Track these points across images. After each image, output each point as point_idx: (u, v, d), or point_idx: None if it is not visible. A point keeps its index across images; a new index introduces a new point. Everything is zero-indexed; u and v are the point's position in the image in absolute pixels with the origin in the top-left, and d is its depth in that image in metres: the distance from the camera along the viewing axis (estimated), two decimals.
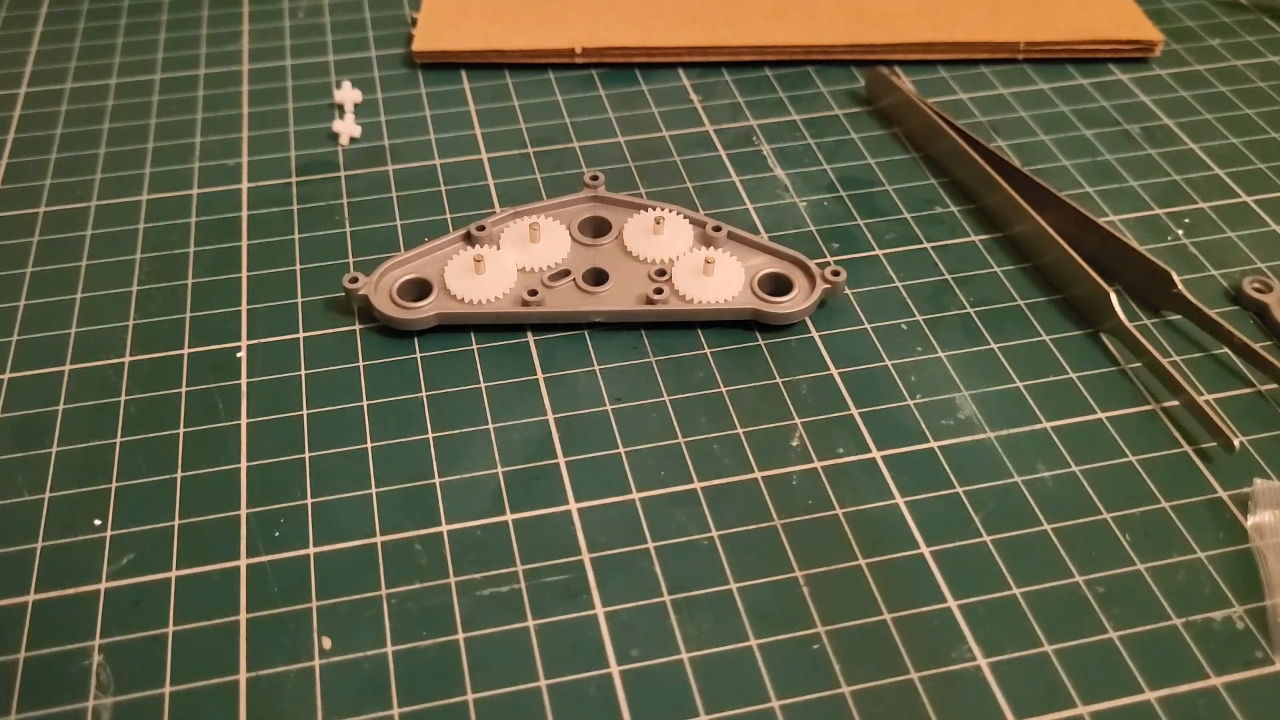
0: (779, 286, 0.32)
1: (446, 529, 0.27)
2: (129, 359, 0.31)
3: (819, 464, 0.29)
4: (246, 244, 0.35)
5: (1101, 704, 0.24)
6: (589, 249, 0.34)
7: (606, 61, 0.43)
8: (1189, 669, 0.24)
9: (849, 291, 0.33)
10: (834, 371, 0.31)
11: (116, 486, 0.28)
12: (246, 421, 0.30)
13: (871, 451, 0.29)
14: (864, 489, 0.28)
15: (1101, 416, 0.30)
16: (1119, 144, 0.39)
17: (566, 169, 0.38)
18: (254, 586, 0.26)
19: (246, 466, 0.29)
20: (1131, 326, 0.30)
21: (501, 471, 0.28)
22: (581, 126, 0.40)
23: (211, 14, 0.46)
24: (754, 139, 0.39)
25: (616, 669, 0.24)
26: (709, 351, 0.31)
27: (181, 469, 0.29)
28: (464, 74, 0.42)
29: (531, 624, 0.25)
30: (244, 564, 0.26)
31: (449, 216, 0.36)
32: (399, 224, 0.36)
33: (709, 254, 0.32)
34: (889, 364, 0.31)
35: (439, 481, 0.28)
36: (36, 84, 0.43)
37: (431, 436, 0.29)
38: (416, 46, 0.43)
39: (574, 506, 0.28)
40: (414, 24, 0.45)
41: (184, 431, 0.29)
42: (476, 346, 0.32)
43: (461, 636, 0.25)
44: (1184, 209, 0.36)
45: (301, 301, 0.33)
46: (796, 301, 0.32)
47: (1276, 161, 0.38)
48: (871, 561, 0.26)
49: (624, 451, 0.29)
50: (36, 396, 0.30)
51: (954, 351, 0.31)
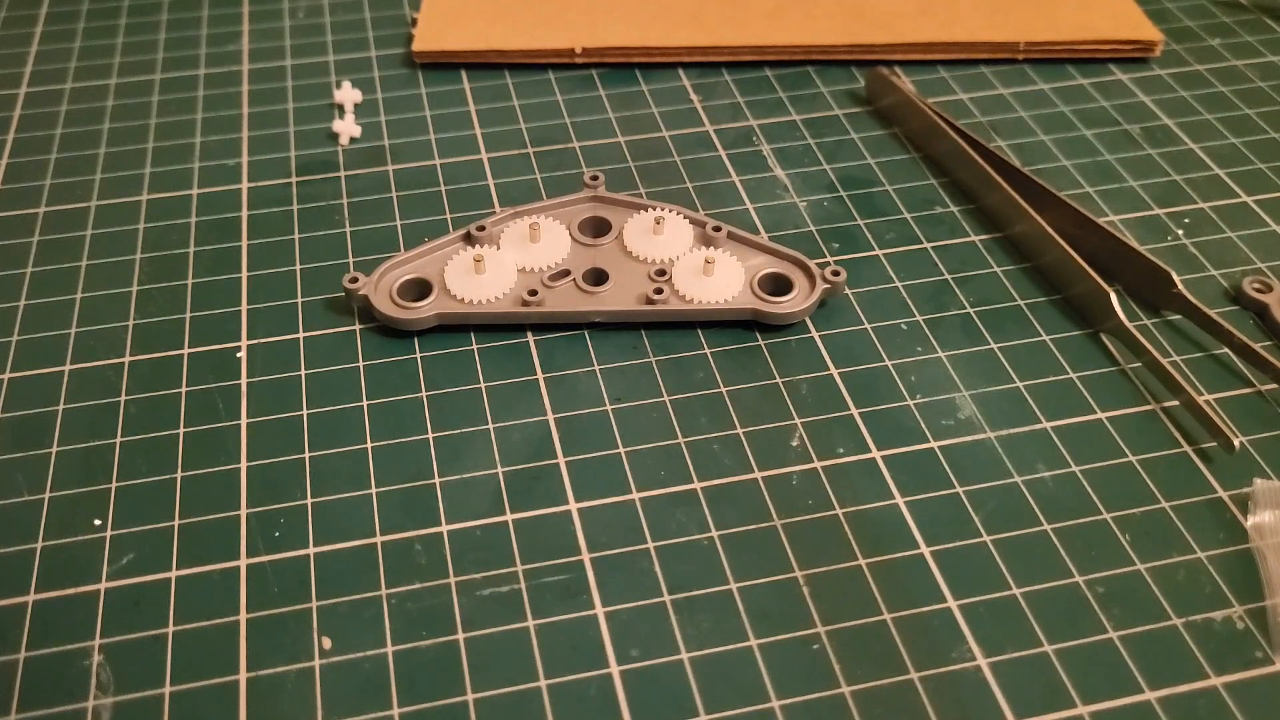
0: (779, 286, 0.32)
1: (446, 529, 0.27)
2: (129, 359, 0.31)
3: (819, 464, 0.29)
4: (246, 244, 0.35)
5: (1101, 704, 0.24)
6: (589, 249, 0.34)
7: (606, 61, 0.43)
8: (1189, 669, 0.24)
9: (849, 291, 0.33)
10: (834, 371, 0.31)
11: (116, 486, 0.28)
12: (246, 421, 0.30)
13: (871, 451, 0.29)
14: (864, 489, 0.28)
15: (1101, 416, 0.30)
16: (1119, 144, 0.39)
17: (566, 169, 0.38)
18: (254, 586, 0.26)
19: (246, 466, 0.29)
20: (1131, 326, 0.30)
21: (501, 471, 0.28)
22: (581, 126, 0.40)
23: (211, 14, 0.46)
24: (754, 139, 0.39)
25: (616, 669, 0.24)
26: (709, 351, 0.31)
27: (181, 469, 0.29)
28: (464, 74, 0.42)
29: (531, 624, 0.25)
30: (244, 564, 0.26)
31: (449, 216, 0.36)
32: (399, 224, 0.36)
33: (709, 254, 0.33)
34: (889, 364, 0.31)
35: (439, 481, 0.28)
36: (36, 84, 0.43)
37: (431, 436, 0.29)
38: (416, 46, 0.43)
39: (574, 506, 0.28)
40: (414, 24, 0.45)
41: (184, 431, 0.29)
42: (476, 346, 0.32)
43: (461, 636, 0.25)
44: (1184, 209, 0.36)
45: (301, 301, 0.33)
46: (796, 301, 0.32)
47: (1276, 161, 0.38)
48: (871, 561, 0.26)
49: (624, 451, 0.29)
50: (36, 396, 0.30)
51: (954, 351, 0.31)
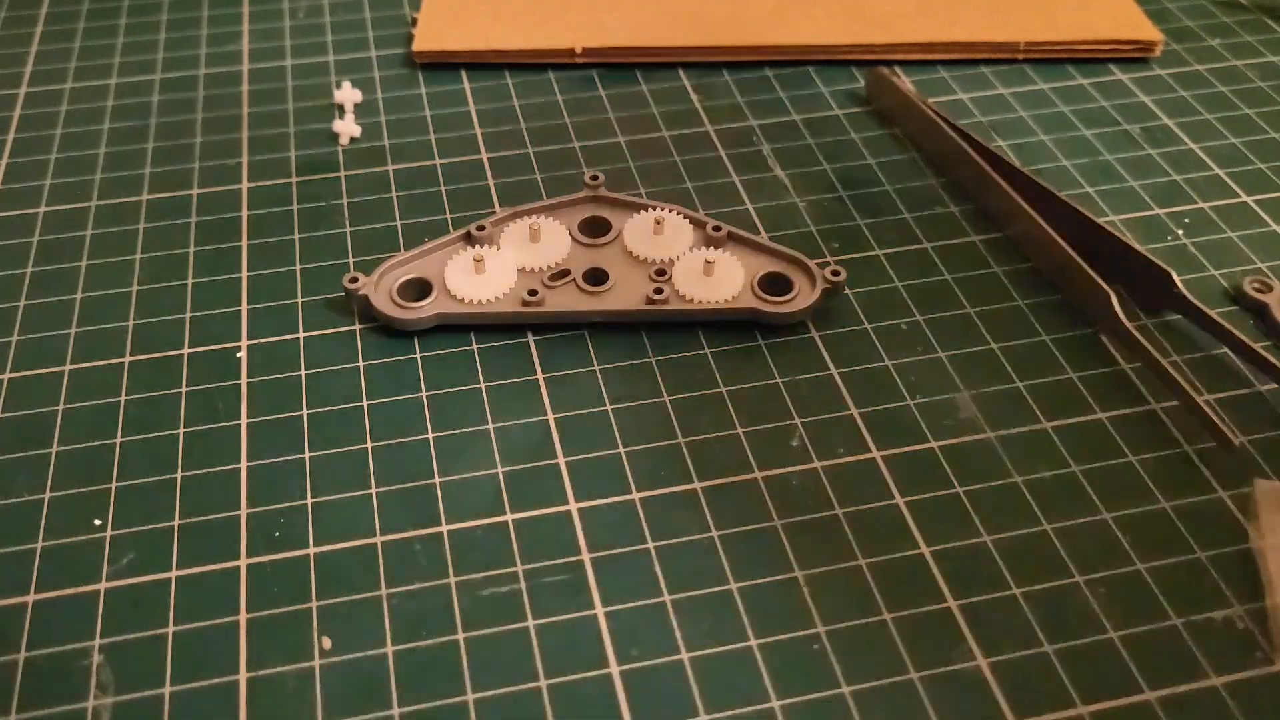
0: (779, 286, 0.32)
1: (446, 529, 0.27)
2: (129, 359, 0.31)
3: (819, 464, 0.29)
4: (246, 244, 0.35)
5: (1101, 704, 0.24)
6: (589, 249, 0.34)
7: (606, 61, 0.43)
8: (1189, 669, 0.24)
9: (849, 291, 0.33)
10: (834, 371, 0.31)
11: (116, 486, 0.28)
12: (246, 421, 0.30)
13: (871, 451, 0.29)
14: (864, 489, 0.28)
15: (1101, 416, 0.30)
16: (1119, 144, 0.39)
17: (566, 169, 0.38)
18: (254, 586, 0.26)
19: (246, 466, 0.29)
20: (1131, 326, 0.30)
21: (501, 471, 0.28)
22: (581, 126, 0.40)
23: (211, 14, 0.46)
24: (754, 139, 0.39)
25: (616, 669, 0.24)
26: (709, 351, 0.31)
27: (181, 469, 0.29)
28: (464, 74, 0.42)
29: (531, 624, 0.25)
30: (244, 564, 0.26)
31: (449, 216, 0.36)
32: (399, 224, 0.36)
33: (709, 254, 0.33)
34: (889, 364, 0.31)
35: (439, 481, 0.28)
36: (36, 84, 0.43)
37: (431, 436, 0.29)
38: (416, 46, 0.43)
39: (574, 506, 0.28)
40: (414, 24, 0.45)
41: (184, 431, 0.29)
42: (476, 346, 0.32)
43: (461, 636, 0.25)
44: (1184, 209, 0.36)
45: (301, 301, 0.33)
46: (796, 301, 0.32)
47: (1276, 161, 0.38)
48: (871, 561, 0.26)
49: (624, 451, 0.29)
50: (36, 396, 0.30)
51: (954, 351, 0.31)
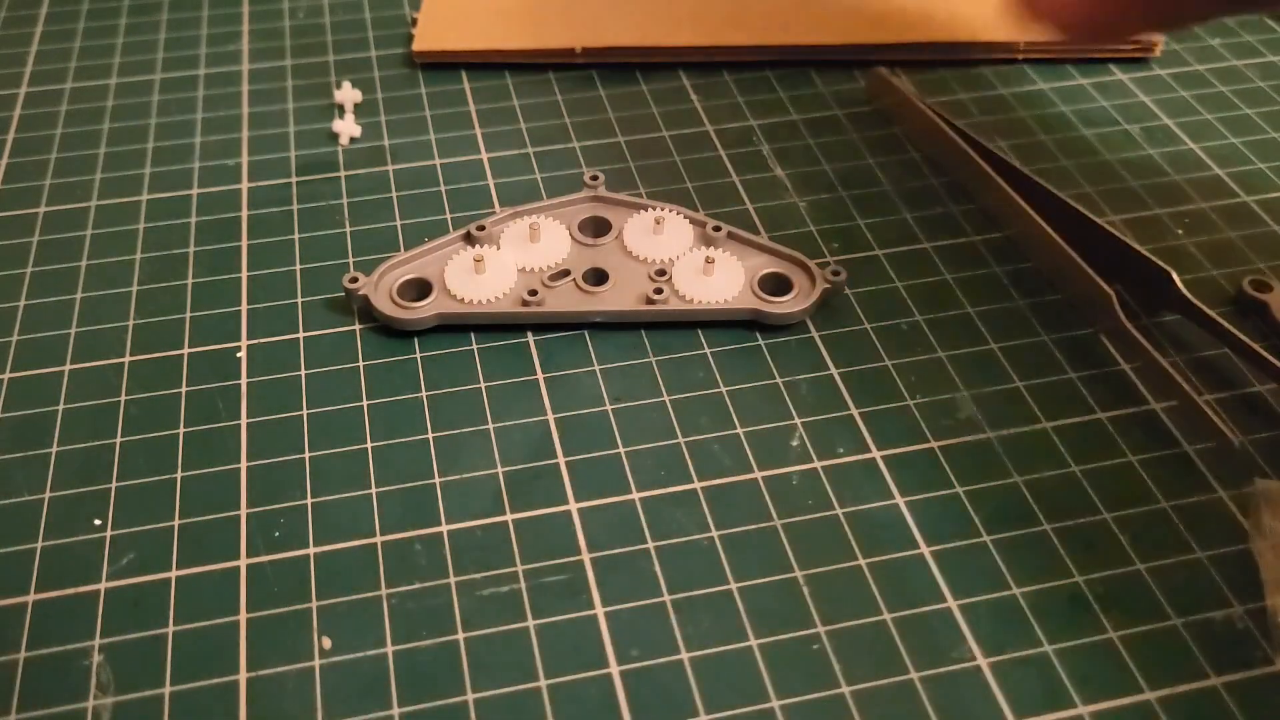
0: (779, 286, 0.32)
1: (446, 529, 0.27)
2: (129, 359, 0.31)
3: (819, 464, 0.29)
4: (246, 244, 0.35)
5: (1101, 704, 0.24)
6: (589, 249, 0.34)
7: (606, 61, 0.43)
8: (1189, 669, 0.24)
9: (849, 291, 0.33)
10: (834, 371, 0.31)
11: (116, 486, 0.28)
12: (246, 421, 0.30)
13: (871, 451, 0.29)
14: (864, 489, 0.28)
15: (1101, 416, 0.30)
16: (1119, 144, 0.39)
17: (566, 169, 0.38)
18: (254, 586, 0.26)
19: (246, 466, 0.29)
20: (1131, 327, 0.30)
21: (501, 471, 0.28)
22: (581, 126, 0.40)
23: (211, 14, 0.46)
24: (754, 139, 0.39)
25: (616, 669, 0.24)
26: (709, 351, 0.31)
27: (181, 469, 0.29)
28: (464, 74, 0.42)
29: (531, 624, 0.25)
30: (244, 564, 0.26)
31: (449, 216, 0.36)
32: (399, 224, 0.36)
33: (709, 254, 0.33)
34: (889, 364, 0.31)
35: (439, 481, 0.28)
36: (36, 84, 0.43)
37: (431, 436, 0.29)
38: (416, 46, 0.43)
39: (574, 506, 0.28)
40: (414, 24, 0.45)
41: (184, 431, 0.29)
42: (476, 346, 0.32)
43: (461, 636, 0.25)
44: (1184, 209, 0.36)
45: (301, 301, 0.33)
46: (796, 301, 0.32)
47: (1276, 161, 0.38)
48: (871, 561, 0.26)
49: (624, 451, 0.29)
50: (36, 396, 0.30)
51: (954, 351, 0.31)
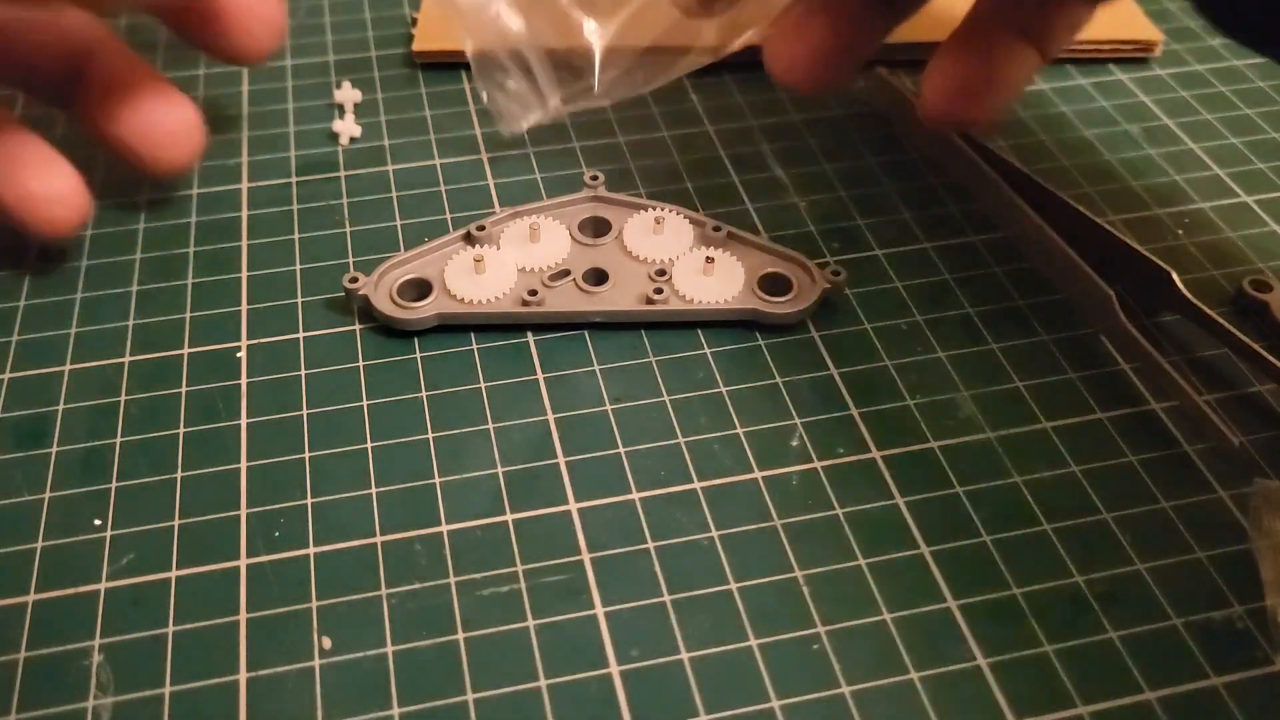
0: (779, 286, 0.32)
1: (446, 529, 0.27)
2: (129, 359, 0.31)
3: (819, 464, 0.29)
4: (246, 244, 0.35)
5: (1101, 704, 0.24)
6: (589, 249, 0.34)
7: None
8: (1189, 669, 0.24)
9: (849, 291, 0.33)
10: (834, 371, 0.31)
11: (116, 486, 0.28)
12: (246, 421, 0.30)
13: (871, 451, 0.29)
14: (864, 489, 0.28)
15: (1101, 416, 0.30)
16: (1119, 144, 0.39)
17: (566, 169, 0.38)
18: (254, 586, 0.26)
19: (246, 466, 0.29)
20: (1131, 327, 0.30)
21: (501, 471, 0.28)
22: (581, 126, 0.40)
23: None
24: (754, 139, 0.39)
25: (616, 669, 0.24)
26: (709, 351, 0.31)
27: (181, 469, 0.29)
28: (464, 74, 0.42)
29: (531, 624, 0.25)
30: (244, 564, 0.26)
31: (449, 216, 0.36)
32: (399, 224, 0.36)
33: (709, 254, 0.33)
34: (889, 364, 0.31)
35: (439, 481, 0.28)
36: None
37: (431, 436, 0.29)
38: (416, 46, 0.43)
39: (574, 506, 0.28)
40: (414, 24, 0.45)
41: (184, 431, 0.29)
42: (476, 346, 0.32)
43: (461, 636, 0.25)
44: (1184, 209, 0.36)
45: (301, 301, 0.33)
46: (796, 301, 0.32)
47: (1276, 161, 0.38)
48: (871, 561, 0.26)
49: (624, 451, 0.29)
50: (36, 396, 0.30)
51: (954, 351, 0.31)
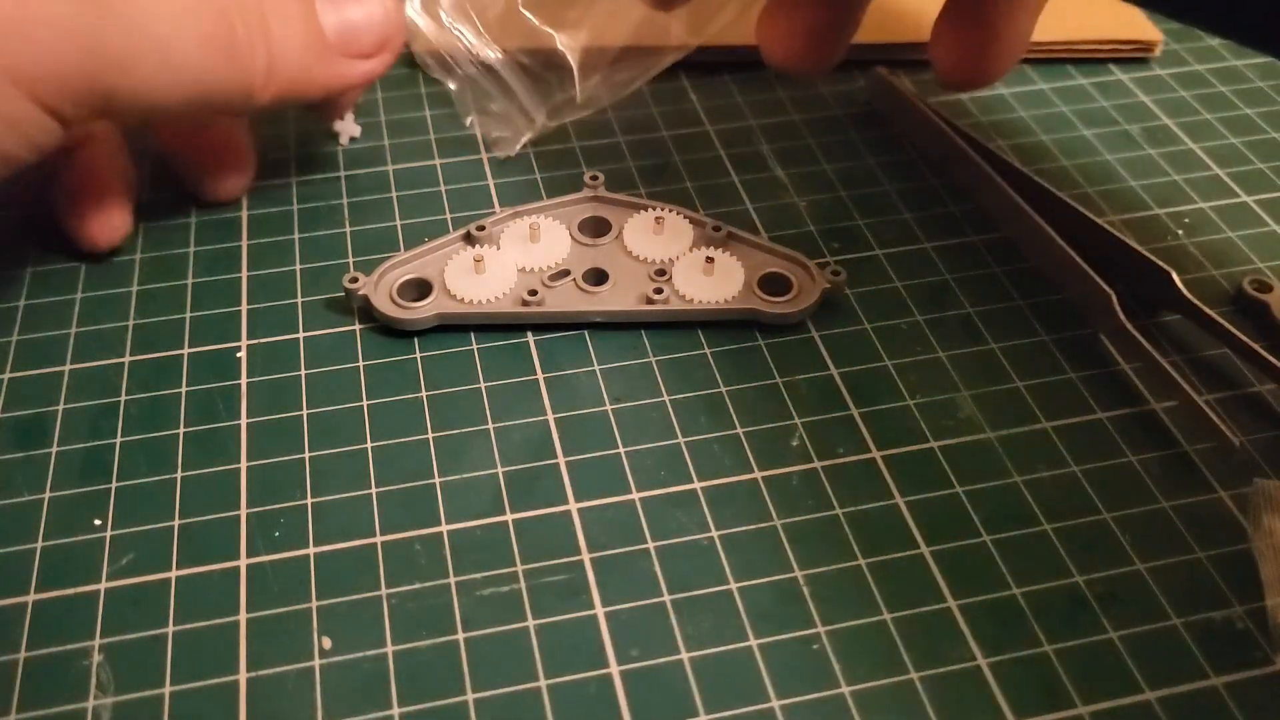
0: (779, 286, 0.32)
1: (446, 529, 0.27)
2: (129, 359, 0.31)
3: (819, 464, 0.29)
4: (246, 244, 0.35)
5: (1101, 704, 0.24)
6: (589, 249, 0.34)
7: None
8: (1189, 669, 0.24)
9: (849, 291, 0.33)
10: (834, 371, 0.31)
11: (116, 486, 0.28)
12: (246, 421, 0.30)
13: (871, 451, 0.29)
14: (864, 489, 0.28)
15: (1101, 416, 0.30)
16: (1119, 144, 0.39)
17: (566, 169, 0.38)
18: (254, 586, 0.26)
19: (246, 466, 0.29)
20: (1131, 327, 0.30)
21: (501, 471, 0.28)
22: (582, 126, 0.40)
23: None
24: (754, 139, 0.39)
25: (616, 669, 0.24)
26: (709, 351, 0.31)
27: (181, 469, 0.29)
28: None
29: (531, 624, 0.25)
30: (244, 564, 0.26)
31: (449, 216, 0.36)
32: (399, 224, 0.36)
33: (709, 254, 0.33)
34: (889, 364, 0.31)
35: (439, 481, 0.28)
36: None
37: (431, 436, 0.29)
38: (417, 47, 0.43)
39: (574, 506, 0.28)
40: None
41: (184, 431, 0.29)
42: (476, 346, 0.32)
43: (461, 636, 0.25)
44: (1184, 209, 0.36)
45: (301, 301, 0.33)
46: (796, 301, 0.32)
47: (1276, 161, 0.38)
48: (871, 561, 0.26)
49: (624, 451, 0.29)
50: (36, 396, 0.30)
51: (954, 351, 0.31)
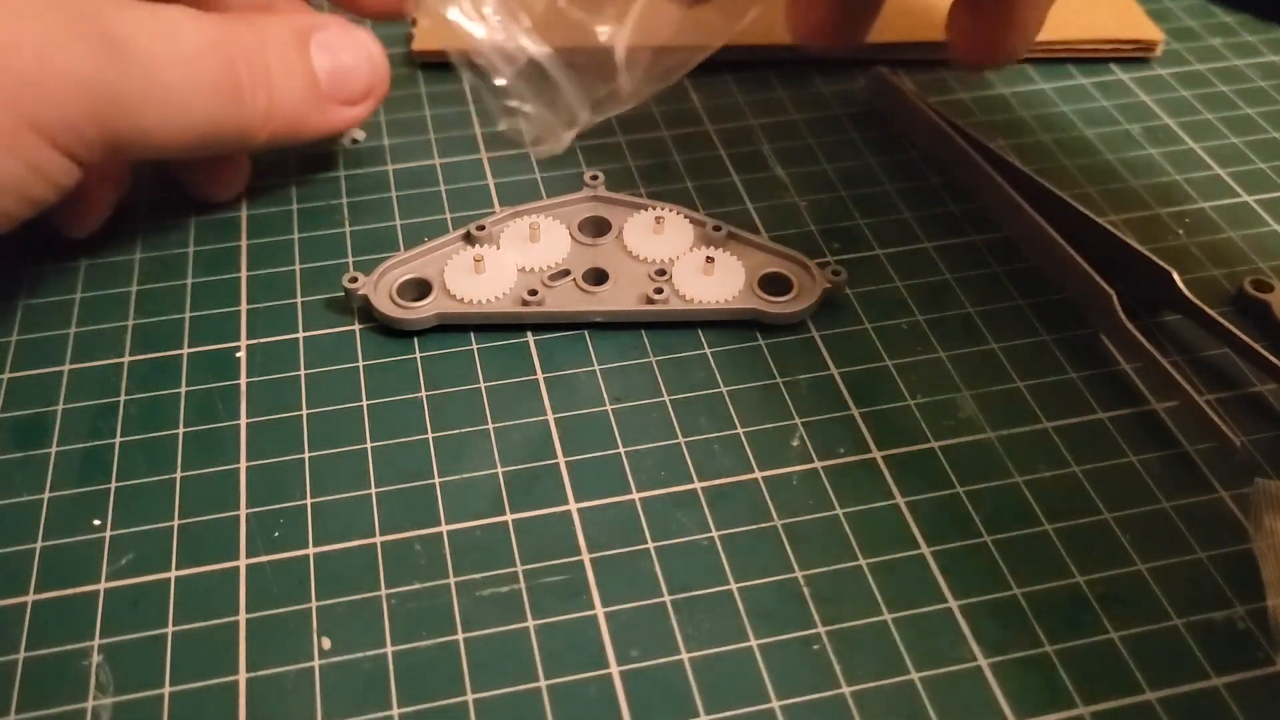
0: (779, 286, 0.32)
1: (446, 529, 0.27)
2: (129, 359, 0.31)
3: (819, 464, 0.29)
4: (246, 244, 0.35)
5: (1101, 704, 0.24)
6: (589, 249, 0.34)
7: None
8: (1189, 669, 0.24)
9: (849, 291, 0.33)
10: (834, 371, 0.31)
11: (116, 486, 0.28)
12: (246, 421, 0.30)
13: (871, 451, 0.29)
14: (864, 489, 0.28)
15: (1102, 416, 0.30)
16: (1120, 144, 0.39)
17: (566, 169, 0.38)
18: (254, 586, 0.26)
19: (246, 466, 0.29)
20: (1132, 327, 0.30)
21: (501, 471, 0.28)
22: None
23: None
24: (754, 139, 0.39)
25: (616, 669, 0.24)
26: (709, 351, 0.31)
27: (181, 469, 0.29)
28: (464, 73, 0.42)
29: (531, 624, 0.25)
30: (244, 564, 0.26)
31: (449, 216, 0.36)
32: (399, 224, 0.36)
33: (709, 254, 0.32)
34: (889, 364, 0.31)
35: (439, 481, 0.28)
36: None
37: (431, 436, 0.29)
38: (416, 46, 0.43)
39: (574, 506, 0.28)
40: (414, 24, 0.45)
41: (183, 431, 0.29)
42: (476, 346, 0.32)
43: (461, 636, 0.25)
44: (1184, 209, 0.36)
45: (301, 301, 0.33)
46: (797, 301, 0.32)
47: (1277, 161, 0.38)
48: (871, 561, 0.26)
49: (624, 451, 0.29)
50: (36, 396, 0.30)
51: (954, 351, 0.31)
